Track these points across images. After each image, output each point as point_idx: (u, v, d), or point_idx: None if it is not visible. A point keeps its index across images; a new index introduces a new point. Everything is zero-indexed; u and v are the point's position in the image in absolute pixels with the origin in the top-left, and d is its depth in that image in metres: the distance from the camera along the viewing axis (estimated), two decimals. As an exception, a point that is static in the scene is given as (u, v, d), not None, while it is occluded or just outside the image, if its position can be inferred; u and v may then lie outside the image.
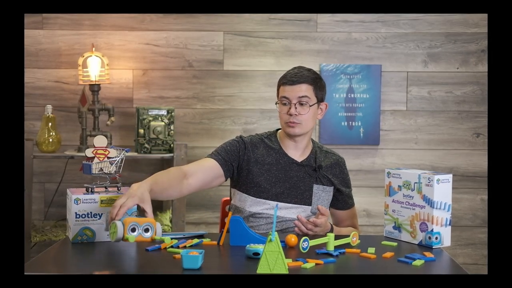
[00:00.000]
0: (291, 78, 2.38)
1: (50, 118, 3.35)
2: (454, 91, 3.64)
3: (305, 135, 2.43)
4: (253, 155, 2.42)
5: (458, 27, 3.62)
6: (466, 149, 3.64)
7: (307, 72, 2.41)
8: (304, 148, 2.46)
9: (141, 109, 3.33)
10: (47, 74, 3.60)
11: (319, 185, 2.44)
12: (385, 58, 3.62)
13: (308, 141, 2.47)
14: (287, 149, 2.46)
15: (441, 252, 2.07)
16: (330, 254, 1.98)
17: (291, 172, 2.43)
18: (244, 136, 2.47)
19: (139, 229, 1.86)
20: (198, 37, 3.60)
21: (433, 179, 2.09)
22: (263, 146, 2.46)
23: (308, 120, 2.39)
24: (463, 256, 3.65)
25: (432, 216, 2.09)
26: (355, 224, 2.57)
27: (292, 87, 2.37)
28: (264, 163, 2.42)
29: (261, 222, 2.39)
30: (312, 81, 2.40)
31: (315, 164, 2.45)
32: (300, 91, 2.37)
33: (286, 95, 2.38)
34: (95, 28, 3.59)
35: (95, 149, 2.16)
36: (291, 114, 2.36)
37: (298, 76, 2.38)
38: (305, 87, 2.38)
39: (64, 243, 2.10)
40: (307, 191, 2.43)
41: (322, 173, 2.46)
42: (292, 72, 2.41)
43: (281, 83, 2.41)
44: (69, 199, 2.13)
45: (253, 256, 1.91)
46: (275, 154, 2.45)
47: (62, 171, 3.53)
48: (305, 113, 2.37)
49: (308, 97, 2.38)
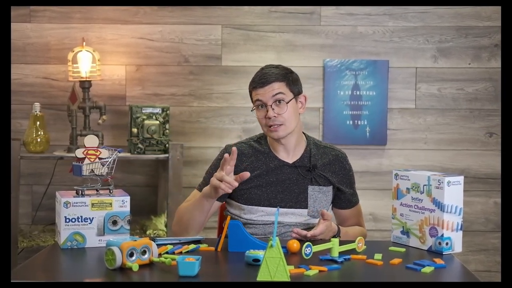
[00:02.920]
0: (260, 81, 2.39)
1: (38, 117, 3.35)
2: (466, 88, 3.64)
3: (291, 135, 2.41)
4: (240, 165, 2.42)
5: (470, 20, 3.62)
6: (478, 149, 3.65)
7: (275, 70, 2.41)
8: (294, 148, 2.45)
9: (134, 107, 3.33)
10: (35, 70, 3.60)
11: (315, 186, 2.44)
12: (393, 53, 3.62)
13: (297, 140, 2.45)
14: (277, 152, 2.45)
15: (452, 258, 2.07)
16: (334, 261, 1.98)
17: (282, 175, 2.43)
18: (230, 146, 2.46)
19: (137, 253, 1.86)
20: (195, 31, 3.60)
21: (443, 181, 2.09)
22: (252, 152, 2.46)
23: (290, 118, 2.37)
24: (475, 262, 3.65)
25: (442, 220, 2.09)
26: (360, 222, 2.56)
27: (263, 89, 2.37)
28: (254, 169, 2.42)
29: (258, 229, 2.40)
30: (283, 77, 2.40)
31: (309, 164, 2.45)
32: (272, 90, 2.37)
33: (260, 97, 2.38)
34: (86, 22, 3.59)
35: (86, 149, 2.16)
36: (269, 117, 2.36)
37: (266, 76, 2.38)
38: (277, 85, 2.38)
39: (53, 249, 2.10)
40: (302, 193, 2.42)
41: (318, 172, 2.45)
42: (260, 73, 2.41)
43: (252, 88, 2.42)
44: (58, 202, 2.13)
45: (253, 262, 1.91)
46: (264, 158, 2.45)
47: (51, 173, 3.53)
48: (284, 112, 2.36)
49: (282, 93, 2.37)
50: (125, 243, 1.85)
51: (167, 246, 2.09)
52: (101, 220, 2.10)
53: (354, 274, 1.91)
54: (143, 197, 3.62)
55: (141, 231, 3.34)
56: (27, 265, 1.93)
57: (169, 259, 1.88)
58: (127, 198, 2.14)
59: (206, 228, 3.61)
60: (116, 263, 1.83)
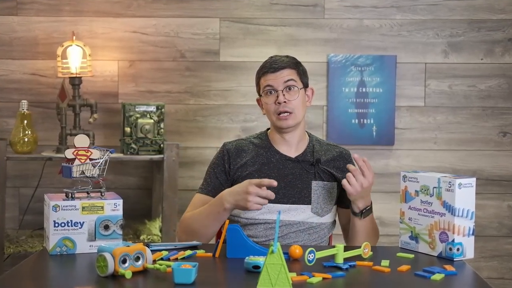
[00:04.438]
0: (271, 66, 2.44)
1: (26, 115, 3.35)
2: (478, 85, 3.64)
3: (296, 129, 2.45)
4: (239, 161, 2.45)
5: (483, 13, 3.62)
6: (491, 149, 3.65)
7: (286, 58, 2.48)
8: (297, 143, 2.49)
9: (127, 105, 3.33)
10: (22, 66, 3.60)
11: (319, 181, 2.45)
12: (401, 48, 3.62)
13: (300, 136, 2.49)
14: (279, 146, 2.48)
15: (464, 265, 2.07)
16: (339, 267, 1.98)
17: (285, 170, 2.45)
18: (228, 143, 2.51)
19: (130, 259, 1.86)
20: (191, 25, 3.60)
21: (454, 183, 2.09)
22: (252, 148, 2.49)
23: (299, 107, 2.43)
24: (488, 269, 3.65)
25: (453, 224, 2.09)
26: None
27: (275, 74, 2.43)
28: (255, 164, 2.44)
29: (259, 229, 2.40)
30: (294, 65, 2.47)
31: (312, 158, 2.46)
32: (284, 77, 2.43)
33: (270, 83, 2.43)
34: (76, 15, 3.59)
35: (76, 149, 2.16)
36: (280, 102, 2.40)
37: (278, 63, 2.44)
38: (289, 71, 2.44)
39: (41, 255, 2.10)
40: (305, 188, 2.43)
41: (322, 167, 2.46)
42: (270, 60, 2.47)
43: (262, 73, 2.46)
44: (46, 206, 2.13)
45: (252, 269, 1.91)
46: (265, 152, 2.48)
47: (39, 175, 3.53)
48: (294, 99, 2.41)
49: (294, 80, 2.44)
50: (118, 249, 1.85)
51: (162, 252, 2.09)
52: (92, 225, 2.10)
53: (360, 282, 1.91)
54: (136, 200, 3.62)
55: (135, 236, 3.34)
56: (14, 272, 1.93)
57: (164, 265, 1.87)
58: (119, 201, 2.14)
59: (203, 233, 3.61)
60: (108, 270, 1.82)
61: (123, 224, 2.16)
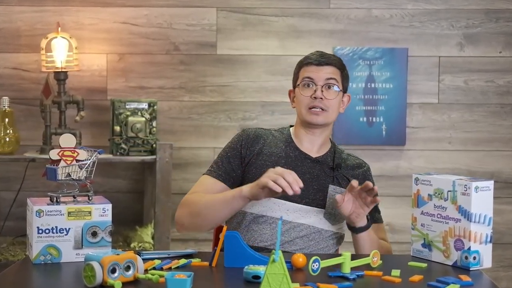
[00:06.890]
0: (317, 59, 2.47)
1: (7, 113, 3.35)
2: (496, 80, 3.64)
3: (326, 128, 2.49)
4: (256, 147, 2.47)
5: (501, 3, 3.62)
6: (510, 150, 3.65)
7: (334, 56, 2.53)
8: (320, 145, 2.51)
9: (117, 102, 3.34)
10: (4, 60, 3.61)
11: (336, 187, 2.45)
12: (413, 40, 3.62)
13: (325, 138, 2.52)
14: (301, 143, 2.50)
15: (480, 274, 2.07)
16: (345, 278, 1.98)
17: (303, 168, 2.45)
18: (248, 129, 2.54)
19: (120, 268, 1.86)
20: (186, 15, 3.61)
21: (470, 186, 2.09)
22: (271, 139, 2.51)
23: (334, 108, 2.46)
24: (507, 279, 3.65)
25: (469, 231, 2.10)
26: (385, 239, 2.55)
27: (318, 68, 2.46)
28: (271, 154, 2.45)
29: (265, 231, 2.39)
30: (340, 66, 2.50)
31: (332, 162, 2.48)
32: (327, 73, 2.45)
33: (311, 75, 2.45)
34: (61, 4, 3.60)
35: (61, 150, 2.16)
36: (316, 97, 2.42)
37: (325, 57, 2.48)
38: (332, 70, 2.47)
39: (24, 264, 2.10)
40: (321, 191, 2.44)
41: (341, 173, 2.48)
42: (317, 53, 2.51)
43: (304, 63, 2.49)
44: (29, 211, 2.13)
45: (252, 279, 1.91)
46: (284, 146, 2.49)
47: (21, 177, 3.53)
48: (332, 98, 2.44)
49: (336, 80, 2.46)
50: (106, 258, 1.85)
51: (154, 261, 2.09)
52: (78, 231, 2.11)
53: (369, 293, 1.91)
54: (127, 204, 3.62)
55: (125, 243, 3.34)
56: (-6, 282, 1.93)
57: (156, 275, 1.88)
58: (108, 206, 2.14)
59: (199, 241, 3.62)
60: (96, 280, 1.83)
61: (113, 231, 2.16)
